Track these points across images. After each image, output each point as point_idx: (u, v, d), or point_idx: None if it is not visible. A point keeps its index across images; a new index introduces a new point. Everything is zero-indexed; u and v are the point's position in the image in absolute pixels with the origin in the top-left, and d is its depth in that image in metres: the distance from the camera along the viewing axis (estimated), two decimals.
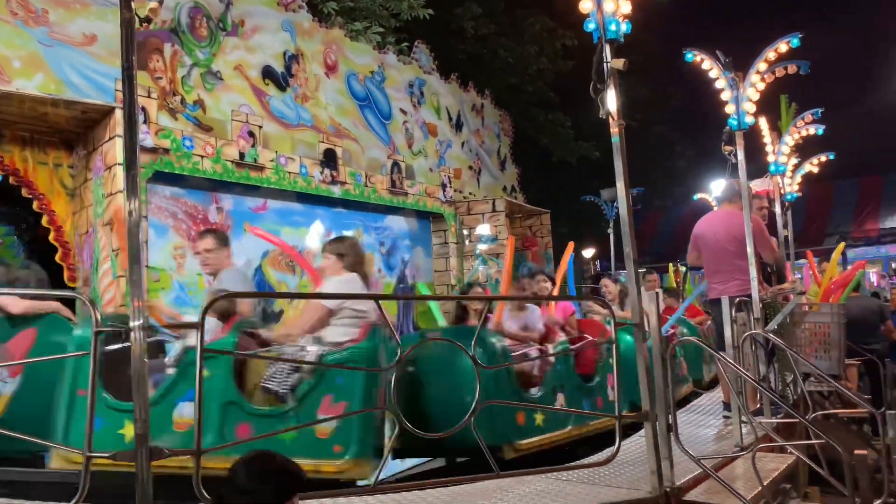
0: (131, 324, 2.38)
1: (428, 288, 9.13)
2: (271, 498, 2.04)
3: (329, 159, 7.95)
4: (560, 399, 4.77)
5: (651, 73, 17.53)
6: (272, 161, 7.12)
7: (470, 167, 11.75)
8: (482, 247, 10.12)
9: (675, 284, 11.27)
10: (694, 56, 5.17)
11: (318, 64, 8.51)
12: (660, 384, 3.37)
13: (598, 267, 19.09)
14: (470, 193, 11.34)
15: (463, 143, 11.62)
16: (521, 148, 13.99)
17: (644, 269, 11.38)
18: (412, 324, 9.51)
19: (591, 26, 3.45)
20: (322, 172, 7.78)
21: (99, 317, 2.50)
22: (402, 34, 10.73)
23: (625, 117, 3.53)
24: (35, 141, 5.68)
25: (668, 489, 3.30)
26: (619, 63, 3.40)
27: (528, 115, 15.34)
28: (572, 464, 3.59)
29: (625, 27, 3.48)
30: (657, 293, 3.55)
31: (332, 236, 8.22)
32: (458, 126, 11.49)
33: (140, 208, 2.44)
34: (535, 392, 4.59)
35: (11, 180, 5.54)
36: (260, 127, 7.07)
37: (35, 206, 5.67)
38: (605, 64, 3.44)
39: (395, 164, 9.13)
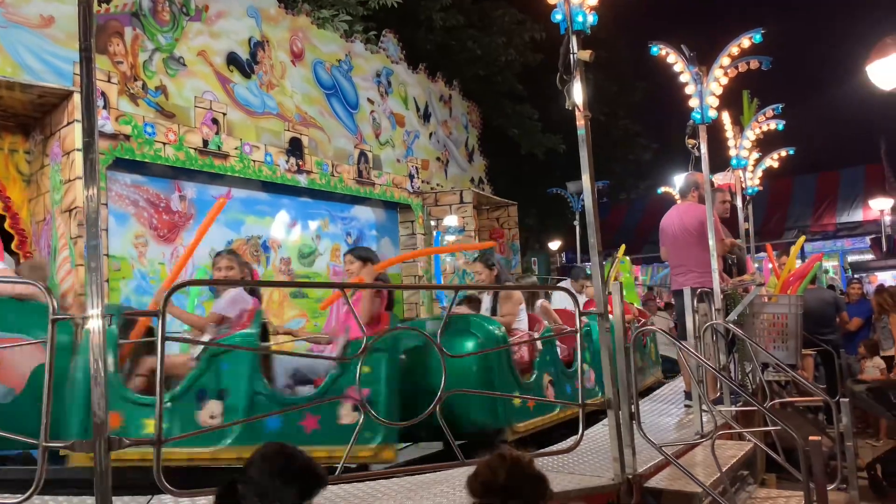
0: (89, 311, 2.33)
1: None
2: (295, 500, 1.89)
3: (295, 148, 7.87)
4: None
5: (617, 68, 17.69)
6: (236, 149, 7.02)
7: (437, 158, 11.74)
8: (449, 238, 10.15)
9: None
10: (659, 50, 5.23)
11: (284, 51, 8.40)
12: (622, 373, 3.42)
13: (565, 258, 19.27)
14: (437, 184, 11.33)
15: (431, 134, 11.59)
16: (489, 140, 14.02)
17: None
18: None
19: (558, 17, 3.46)
20: (288, 161, 7.70)
21: (56, 305, 2.44)
22: (370, 23, 10.64)
23: (591, 110, 3.56)
24: None
25: (629, 476, 3.35)
26: (586, 55, 3.41)
27: (496, 107, 15.36)
28: (536, 452, 3.62)
29: (591, 19, 3.49)
30: (620, 283, 3.59)
31: (297, 226, 8.17)
32: (425, 117, 11.46)
33: (99, 195, 2.39)
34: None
35: None
36: (224, 114, 6.96)
37: None
38: (571, 55, 3.46)
39: (363, 153, 9.07)
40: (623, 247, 9.57)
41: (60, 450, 3.12)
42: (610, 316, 3.37)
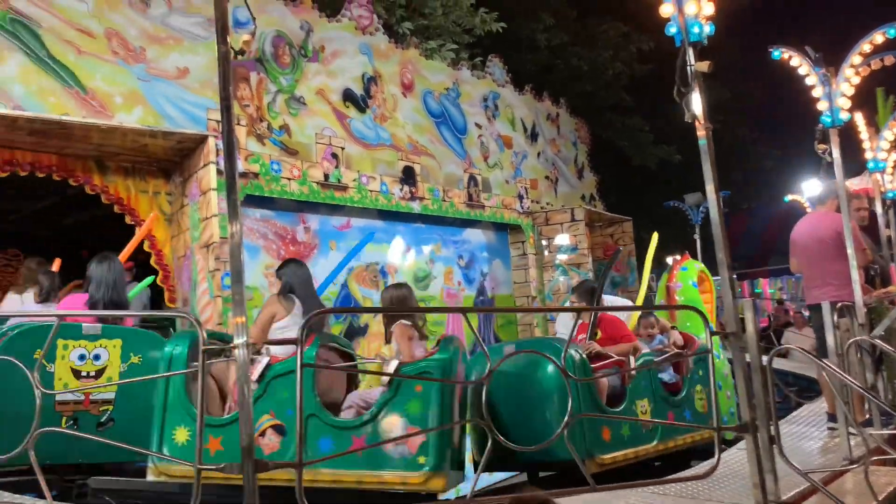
0: (235, 340, 2.50)
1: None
2: None
3: (408, 176, 8.09)
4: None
5: (729, 74, 17.02)
6: (354, 181, 7.32)
7: (546, 177, 11.69)
8: (562, 257, 10.05)
9: None
10: (781, 53, 4.99)
11: (395, 84, 8.70)
12: (759, 394, 3.25)
13: None
14: (548, 203, 11.27)
15: (539, 154, 11.57)
16: (598, 155, 13.82)
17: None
18: (493, 336, 9.52)
19: (672, 30, 3.40)
20: (401, 189, 7.93)
21: (205, 335, 2.63)
22: (475, 49, 10.83)
23: (709, 119, 3.45)
24: (136, 171, 6.05)
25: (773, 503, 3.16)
26: (704, 66, 3.33)
27: (604, 121, 15.16)
28: (669, 477, 3.50)
29: (708, 29, 3.41)
30: (753, 301, 3.43)
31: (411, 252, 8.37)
32: (533, 136, 11.47)
33: (241, 231, 2.57)
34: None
35: (116, 208, 5.91)
36: (342, 148, 7.29)
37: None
38: (688, 67, 3.38)
39: (472, 177, 9.19)
40: (655, 235, 7.95)
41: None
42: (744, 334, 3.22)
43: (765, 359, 3.43)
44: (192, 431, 3.75)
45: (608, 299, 5.31)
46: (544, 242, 10.13)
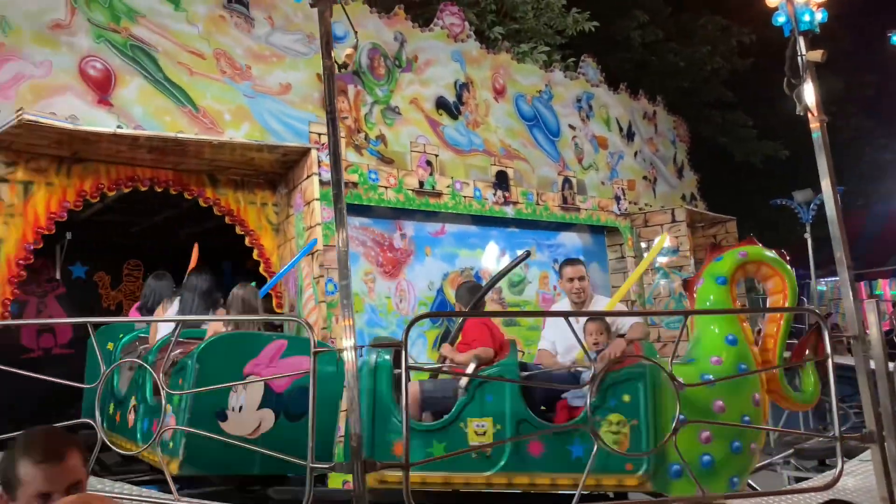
0: (343, 343, 2.59)
1: None
2: None
3: (501, 181, 8.11)
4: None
5: (841, 62, 16.04)
6: (448, 187, 7.40)
7: (644, 177, 11.39)
8: (662, 259, 9.75)
9: None
10: None
11: (486, 90, 8.74)
12: (886, 403, 3.05)
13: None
14: (646, 204, 10.97)
15: (636, 153, 11.30)
16: (699, 153, 13.35)
17: None
18: None
19: (780, 19, 3.26)
20: (495, 194, 7.95)
21: (315, 339, 2.74)
22: (567, 50, 10.72)
23: (822, 111, 3.28)
24: (244, 183, 6.35)
25: None
26: (817, 55, 3.17)
27: (704, 118, 14.64)
28: (787, 489, 3.33)
29: (820, 16, 3.24)
30: (877, 302, 3.22)
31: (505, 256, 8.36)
32: (629, 136, 11.21)
33: (347, 239, 2.66)
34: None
35: (227, 219, 6.23)
36: (436, 156, 7.39)
37: (247, 241, 6.33)
38: (799, 57, 3.22)
39: (566, 180, 9.09)
40: (665, 236, 7.43)
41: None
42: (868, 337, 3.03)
43: (891, 365, 3.21)
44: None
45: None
46: (643, 245, 9.87)
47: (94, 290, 8.39)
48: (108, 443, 3.15)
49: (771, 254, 3.94)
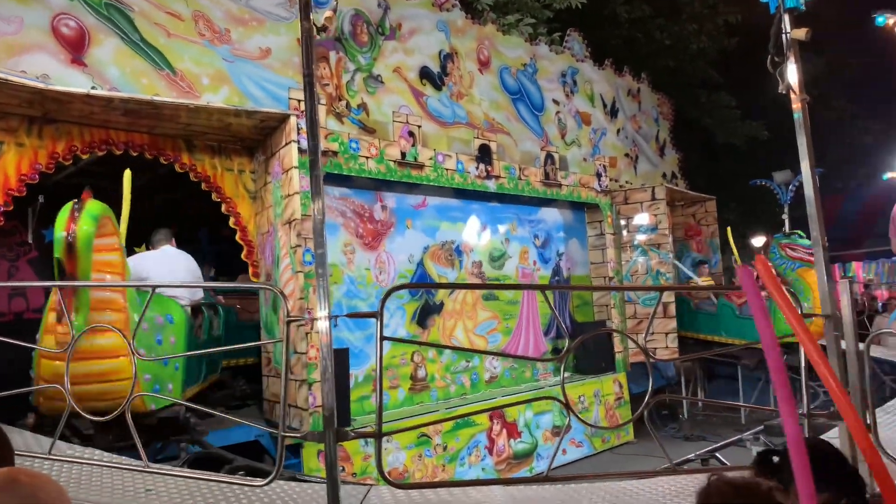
0: (318, 313, 2.56)
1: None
2: None
3: (484, 154, 8.05)
4: None
5: (825, 43, 16.06)
6: (431, 159, 7.33)
7: (626, 155, 11.40)
8: (641, 237, 9.81)
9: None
10: (886, 19, 4.66)
11: (471, 61, 8.64)
12: (854, 381, 3.09)
13: None
14: (627, 182, 11.00)
15: (619, 131, 11.29)
16: (681, 132, 13.37)
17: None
18: (570, 316, 9.42)
19: None
20: (477, 168, 7.89)
21: (289, 308, 2.71)
22: (554, 24, 10.60)
23: (804, 91, 3.27)
24: (222, 149, 6.24)
25: (868, 496, 3.01)
26: (801, 33, 3.15)
27: (688, 97, 14.63)
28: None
29: None
30: (850, 283, 3.25)
31: (486, 231, 8.36)
32: (613, 113, 11.18)
33: (324, 207, 2.61)
34: None
35: (204, 186, 6.13)
36: (419, 127, 7.30)
37: (223, 208, 6.24)
38: (784, 35, 3.20)
39: (549, 155, 9.06)
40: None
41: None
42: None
43: (861, 345, 3.25)
44: None
45: None
46: (623, 222, 9.91)
47: None
48: (78, 409, 3.10)
49: None
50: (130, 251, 5.36)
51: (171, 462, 4.33)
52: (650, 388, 2.99)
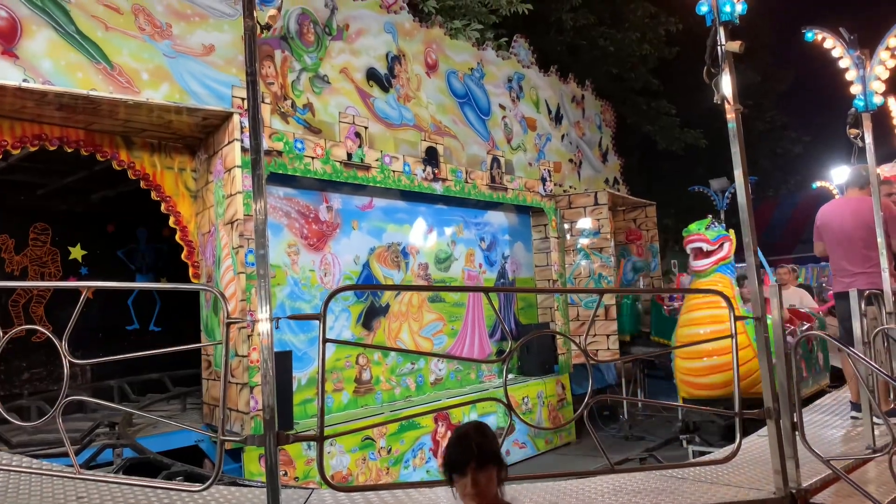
0: (258, 315, 2.53)
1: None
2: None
3: (431, 157, 8.07)
4: None
5: (760, 56, 16.72)
6: (377, 160, 7.31)
7: (570, 160, 11.60)
8: (584, 241, 10.00)
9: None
10: (815, 35, 4.88)
11: (419, 64, 8.65)
12: (783, 380, 3.22)
13: None
14: (571, 187, 11.20)
15: (563, 136, 11.48)
16: (623, 139, 13.69)
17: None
18: (514, 318, 9.52)
19: (703, 8, 3.34)
20: (424, 170, 7.91)
21: (229, 309, 2.66)
22: (500, 30, 10.72)
23: (738, 102, 3.40)
24: (162, 147, 6.09)
25: (793, 490, 3.15)
26: (735, 45, 3.27)
27: (630, 105, 15.00)
28: (688, 461, 3.49)
29: (740, 7, 3.34)
30: (778, 285, 3.39)
31: (433, 233, 8.38)
32: (557, 119, 11.36)
33: (266, 208, 2.58)
34: None
35: (143, 184, 5.97)
36: (366, 128, 7.27)
37: (163, 207, 6.09)
38: (719, 47, 3.32)
39: (495, 159, 9.15)
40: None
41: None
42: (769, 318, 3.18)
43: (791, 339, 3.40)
44: None
45: None
46: (566, 226, 10.08)
47: None
48: (6, 415, 2.98)
49: None
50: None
51: (104, 468, 4.19)
52: (590, 389, 3.05)
